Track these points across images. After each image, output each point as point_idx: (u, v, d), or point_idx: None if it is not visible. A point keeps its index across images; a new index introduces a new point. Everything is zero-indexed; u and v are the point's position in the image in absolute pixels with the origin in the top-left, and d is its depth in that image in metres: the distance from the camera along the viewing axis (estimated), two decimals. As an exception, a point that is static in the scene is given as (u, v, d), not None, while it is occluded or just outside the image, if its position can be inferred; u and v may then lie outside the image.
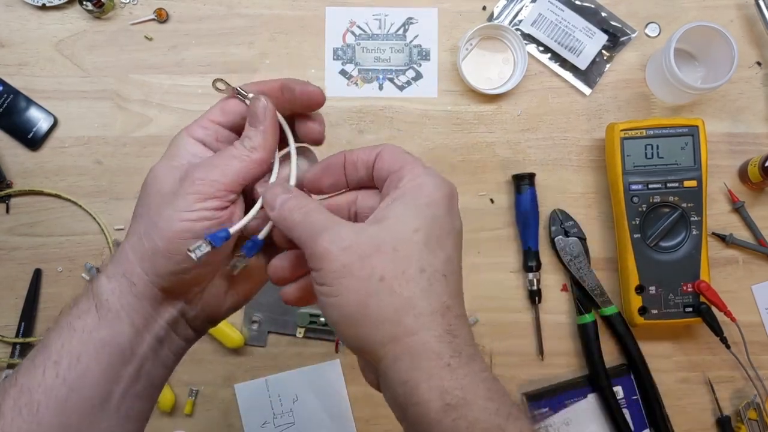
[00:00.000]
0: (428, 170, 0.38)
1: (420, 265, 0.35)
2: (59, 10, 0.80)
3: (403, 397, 0.34)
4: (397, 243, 0.35)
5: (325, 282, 0.35)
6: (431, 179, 0.38)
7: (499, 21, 0.81)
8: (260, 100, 0.41)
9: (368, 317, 0.34)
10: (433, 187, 0.37)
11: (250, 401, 0.76)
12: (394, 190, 0.38)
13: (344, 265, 0.35)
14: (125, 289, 0.40)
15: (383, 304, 0.34)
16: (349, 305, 0.35)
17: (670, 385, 0.77)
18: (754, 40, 0.81)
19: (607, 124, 0.78)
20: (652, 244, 0.75)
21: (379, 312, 0.34)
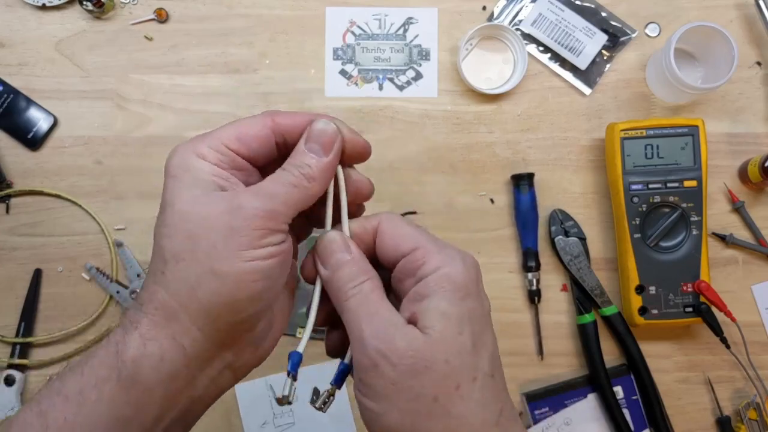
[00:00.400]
0: (444, 250, 0.34)
1: (472, 375, 0.32)
2: (59, 10, 0.80)
3: None
4: (448, 355, 0.32)
5: (368, 395, 0.33)
6: (455, 264, 0.33)
7: (499, 21, 0.81)
8: (330, 126, 0.36)
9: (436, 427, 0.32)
10: (460, 273, 0.33)
11: (250, 401, 0.76)
12: (420, 286, 0.34)
13: (394, 383, 0.32)
14: (173, 355, 0.34)
15: (435, 426, 0.32)
16: (396, 425, 0.32)
17: (670, 385, 0.77)
18: (754, 40, 0.81)
19: (607, 124, 0.78)
20: (652, 244, 0.75)
21: (445, 425, 0.32)
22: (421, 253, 0.34)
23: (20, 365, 0.76)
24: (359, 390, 0.34)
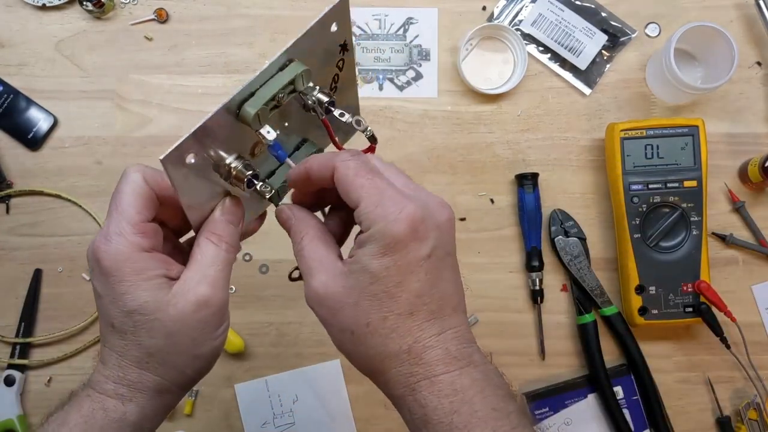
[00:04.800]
0: (380, 209, 0.37)
1: (382, 315, 0.38)
2: (59, 10, 0.80)
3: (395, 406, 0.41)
4: (358, 298, 0.38)
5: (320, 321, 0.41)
6: (387, 221, 0.37)
7: (499, 21, 0.81)
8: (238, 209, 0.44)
9: (351, 357, 0.41)
10: (386, 233, 0.37)
11: (250, 401, 0.76)
12: (360, 237, 0.39)
13: (323, 318, 0.40)
14: (163, 411, 0.44)
15: (358, 351, 0.40)
16: (338, 346, 0.41)
17: (670, 385, 0.77)
18: (754, 40, 0.81)
19: (607, 124, 0.78)
20: (652, 244, 0.75)
21: (356, 355, 0.40)
22: (361, 211, 0.38)
23: (20, 365, 0.76)
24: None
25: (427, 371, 0.38)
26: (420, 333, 0.38)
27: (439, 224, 0.39)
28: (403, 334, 0.38)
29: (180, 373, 0.42)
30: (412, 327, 0.38)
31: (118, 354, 0.41)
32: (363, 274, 0.38)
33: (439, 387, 0.38)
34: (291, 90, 0.43)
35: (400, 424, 0.40)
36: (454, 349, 0.39)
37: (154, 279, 0.40)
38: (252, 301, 0.77)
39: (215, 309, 0.41)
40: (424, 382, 0.38)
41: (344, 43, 0.46)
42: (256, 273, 0.78)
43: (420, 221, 0.37)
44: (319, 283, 0.39)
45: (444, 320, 0.39)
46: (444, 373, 0.38)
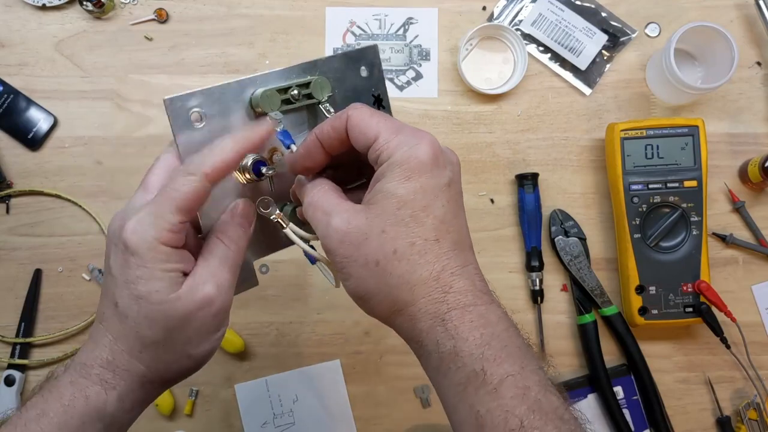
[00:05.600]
0: (401, 137, 0.39)
1: (410, 240, 0.38)
2: (59, 10, 0.80)
3: (415, 351, 0.40)
4: (384, 225, 0.38)
5: (337, 268, 0.40)
6: (405, 149, 0.38)
7: (499, 21, 0.81)
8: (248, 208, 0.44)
9: (374, 296, 0.39)
10: (409, 157, 0.38)
11: (250, 401, 0.76)
12: (377, 167, 0.39)
13: (345, 257, 0.39)
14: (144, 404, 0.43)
15: (382, 285, 0.38)
16: (358, 287, 0.39)
17: (670, 385, 0.77)
18: (754, 40, 0.81)
19: (607, 124, 0.78)
20: (653, 244, 0.75)
21: (380, 291, 0.39)
22: (380, 143, 0.39)
23: (20, 365, 0.76)
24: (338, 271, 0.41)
25: (458, 300, 0.38)
26: (447, 261, 0.38)
27: (452, 162, 0.40)
28: (431, 260, 0.38)
29: (167, 369, 0.42)
30: (439, 253, 0.38)
31: (113, 336, 0.41)
32: (389, 200, 0.38)
33: (470, 318, 0.37)
34: (307, 95, 0.45)
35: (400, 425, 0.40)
36: (479, 284, 0.39)
37: (171, 272, 0.40)
38: (252, 301, 0.77)
39: (217, 310, 0.41)
40: (455, 312, 0.37)
41: (378, 96, 0.48)
42: (257, 273, 0.78)
43: (439, 151, 0.39)
44: (340, 219, 0.39)
45: (465, 254, 0.40)
46: (473, 305, 0.38)
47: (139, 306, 0.40)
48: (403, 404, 0.76)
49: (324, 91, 0.45)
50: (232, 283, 0.43)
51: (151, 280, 0.39)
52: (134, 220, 0.39)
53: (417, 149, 0.38)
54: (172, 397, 0.75)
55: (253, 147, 0.41)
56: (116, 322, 0.41)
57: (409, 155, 0.38)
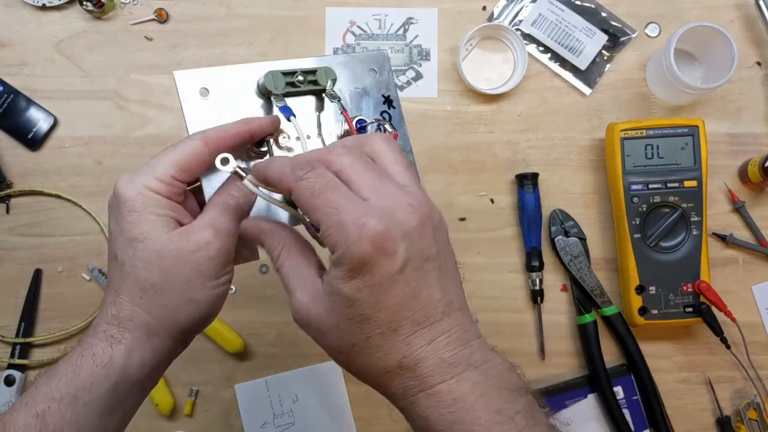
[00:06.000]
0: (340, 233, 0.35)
1: (365, 336, 0.37)
2: (59, 10, 0.80)
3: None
4: (338, 321, 0.37)
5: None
6: (344, 250, 0.35)
7: (499, 21, 0.81)
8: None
9: (350, 371, 0.40)
10: (349, 257, 0.35)
11: (250, 401, 0.76)
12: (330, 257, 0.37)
13: (313, 337, 0.40)
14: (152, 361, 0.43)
15: (352, 368, 0.40)
16: (333, 359, 0.41)
17: (670, 385, 0.77)
18: (754, 40, 0.81)
19: (607, 124, 0.78)
20: (653, 244, 0.75)
21: (353, 372, 0.40)
22: (323, 232, 0.36)
23: (20, 365, 0.76)
24: None
25: (423, 383, 0.37)
26: (407, 348, 0.37)
27: (408, 232, 0.36)
28: (389, 352, 0.37)
29: (170, 314, 0.42)
30: (397, 343, 0.37)
31: (115, 289, 0.42)
32: (337, 298, 0.37)
33: (437, 399, 0.37)
34: (313, 81, 0.47)
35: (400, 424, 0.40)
36: (448, 356, 0.37)
37: (162, 216, 0.41)
38: (252, 301, 0.77)
39: (214, 254, 0.41)
40: (421, 395, 0.37)
41: (388, 97, 0.50)
42: (256, 273, 0.78)
43: (384, 236, 0.35)
44: (301, 305, 0.39)
45: (433, 328, 0.37)
46: (440, 383, 0.37)
47: (134, 249, 0.41)
48: (403, 404, 0.76)
49: (329, 79, 0.47)
50: (232, 231, 0.43)
51: (143, 223, 0.41)
52: (127, 174, 0.42)
53: (356, 247, 0.34)
54: (172, 397, 0.75)
55: (253, 130, 0.44)
56: (117, 273, 0.42)
57: (348, 254, 0.35)
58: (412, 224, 0.36)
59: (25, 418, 0.39)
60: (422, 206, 0.37)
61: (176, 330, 0.43)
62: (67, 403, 0.40)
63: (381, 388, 0.39)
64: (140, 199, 0.41)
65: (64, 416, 0.39)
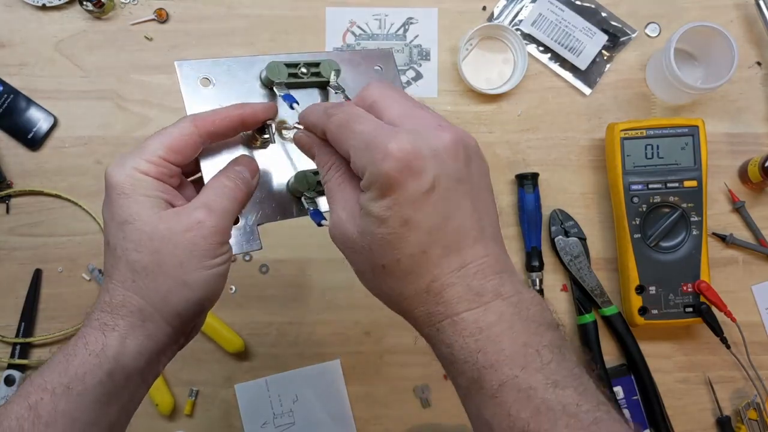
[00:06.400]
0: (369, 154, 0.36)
1: (395, 257, 0.37)
2: (59, 10, 0.80)
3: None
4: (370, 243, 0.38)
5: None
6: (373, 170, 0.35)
7: (499, 21, 0.81)
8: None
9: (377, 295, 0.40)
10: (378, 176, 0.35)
11: (251, 401, 0.76)
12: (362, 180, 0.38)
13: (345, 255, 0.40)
14: (148, 349, 0.41)
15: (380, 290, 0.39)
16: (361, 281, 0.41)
17: (670, 385, 0.77)
18: (754, 40, 0.81)
19: (607, 124, 0.78)
20: (653, 244, 0.75)
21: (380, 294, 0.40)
22: (353, 159, 0.37)
23: (20, 365, 0.76)
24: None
25: (449, 310, 0.36)
26: (437, 270, 0.36)
27: (437, 152, 0.36)
28: (419, 275, 0.37)
29: (164, 298, 0.40)
30: (427, 266, 0.36)
31: (108, 275, 0.41)
32: (369, 218, 0.36)
33: (462, 326, 0.36)
34: (316, 74, 0.47)
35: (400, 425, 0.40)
36: (476, 285, 0.36)
37: (152, 197, 0.40)
38: (252, 301, 0.77)
39: (207, 233, 0.40)
40: (447, 322, 0.36)
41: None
42: (256, 273, 0.78)
43: (411, 153, 0.35)
44: (339, 222, 0.39)
45: (463, 253, 0.37)
46: (466, 311, 0.36)
47: (124, 232, 0.40)
48: (403, 404, 0.76)
49: (333, 70, 0.47)
50: (229, 211, 0.42)
51: (132, 205, 0.40)
52: (117, 159, 0.41)
53: (383, 164, 0.35)
54: (172, 397, 0.75)
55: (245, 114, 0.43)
56: (109, 259, 0.41)
57: (376, 174, 0.35)
58: (442, 144, 0.36)
59: (18, 410, 0.38)
60: (453, 128, 0.37)
61: (171, 314, 0.41)
62: (60, 393, 0.38)
63: (407, 314, 0.39)
64: (129, 181, 0.40)
65: (57, 407, 0.38)
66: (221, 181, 0.43)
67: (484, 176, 0.39)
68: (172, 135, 0.42)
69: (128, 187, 0.40)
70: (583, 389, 0.35)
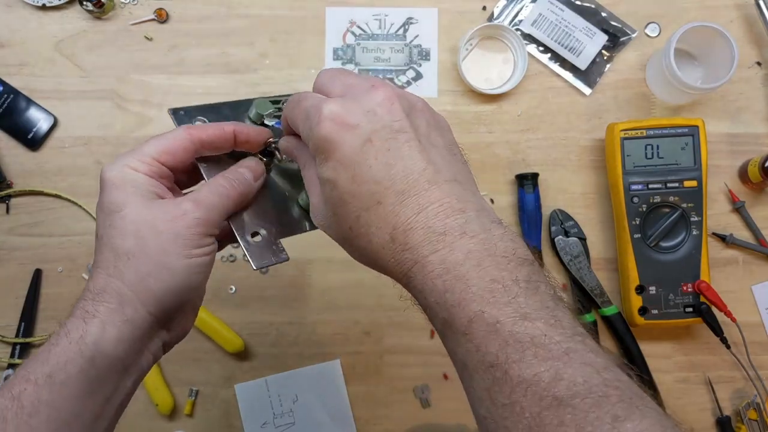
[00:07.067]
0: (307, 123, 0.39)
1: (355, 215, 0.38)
2: (59, 10, 0.80)
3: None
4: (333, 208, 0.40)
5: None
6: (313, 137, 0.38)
7: (499, 21, 0.81)
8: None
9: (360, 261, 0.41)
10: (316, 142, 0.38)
11: (251, 401, 0.76)
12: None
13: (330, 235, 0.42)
14: (128, 335, 0.41)
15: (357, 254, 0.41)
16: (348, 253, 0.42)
17: (670, 385, 0.77)
18: (754, 40, 0.81)
19: (607, 124, 0.78)
20: (653, 244, 0.75)
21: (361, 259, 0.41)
22: (300, 130, 0.41)
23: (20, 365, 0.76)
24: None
25: (415, 255, 0.36)
26: (396, 218, 0.37)
27: (371, 108, 0.38)
28: (380, 226, 0.37)
29: (143, 280, 0.41)
30: (385, 215, 0.37)
31: (95, 265, 0.42)
32: (324, 186, 0.39)
33: (429, 268, 0.36)
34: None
35: (400, 425, 0.40)
36: (439, 225, 0.36)
37: (142, 190, 0.42)
38: (252, 301, 0.77)
39: (192, 223, 0.41)
40: (416, 267, 0.36)
41: None
42: (256, 273, 0.78)
43: (341, 113, 0.37)
44: (316, 209, 0.41)
45: (420, 197, 0.37)
46: (432, 253, 0.36)
47: (111, 220, 0.41)
48: (403, 404, 0.76)
49: None
50: (217, 206, 0.43)
51: (121, 195, 0.42)
52: (112, 161, 0.43)
53: (318, 129, 0.38)
54: (172, 397, 0.75)
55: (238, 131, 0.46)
56: (97, 248, 0.42)
57: (314, 140, 0.38)
58: (375, 101, 0.38)
59: (1, 401, 0.39)
60: (387, 86, 0.39)
61: (150, 299, 0.41)
62: (42, 383, 0.39)
63: (385, 270, 0.39)
64: (120, 176, 0.42)
65: (40, 397, 0.38)
66: (217, 179, 0.45)
67: (436, 128, 0.40)
68: (165, 138, 0.44)
69: (119, 181, 0.42)
70: (555, 321, 0.34)
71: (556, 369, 0.32)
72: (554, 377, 0.32)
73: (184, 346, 0.80)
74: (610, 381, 0.33)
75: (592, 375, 0.32)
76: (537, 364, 0.32)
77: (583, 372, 0.32)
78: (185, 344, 0.78)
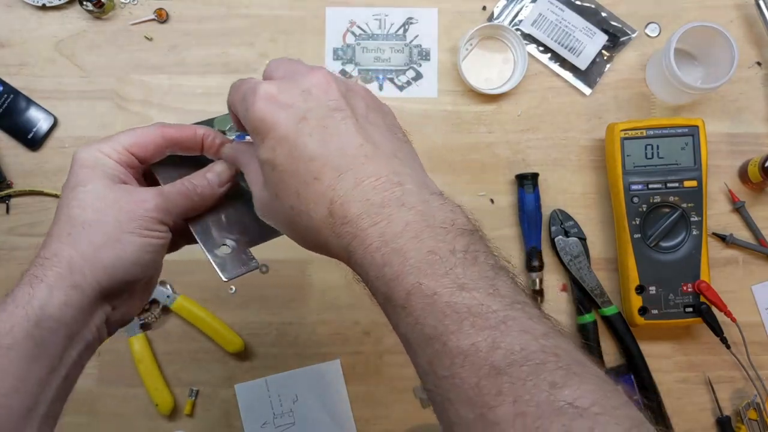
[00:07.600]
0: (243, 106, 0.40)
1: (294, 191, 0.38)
2: (59, 10, 0.80)
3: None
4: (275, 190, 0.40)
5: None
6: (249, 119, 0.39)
7: (499, 21, 0.81)
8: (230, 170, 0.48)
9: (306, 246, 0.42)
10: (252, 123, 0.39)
11: (250, 401, 0.76)
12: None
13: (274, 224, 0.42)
14: (74, 301, 0.41)
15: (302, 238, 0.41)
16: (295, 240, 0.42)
17: (670, 385, 0.77)
18: (754, 40, 0.81)
19: (607, 124, 0.78)
20: (653, 244, 0.75)
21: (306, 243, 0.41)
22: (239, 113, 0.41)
23: (20, 365, 0.76)
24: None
25: (354, 228, 0.36)
26: (332, 192, 0.37)
27: (306, 88, 0.39)
28: (318, 201, 0.37)
29: (95, 250, 0.41)
30: (322, 189, 0.37)
31: (48, 234, 0.43)
32: (264, 168, 0.39)
33: (369, 242, 0.35)
34: None
35: (400, 425, 0.40)
36: (377, 198, 0.36)
37: (109, 173, 0.43)
38: (252, 301, 0.77)
39: (150, 207, 0.43)
40: (355, 242, 0.36)
41: None
42: (256, 273, 0.78)
43: (275, 93, 0.38)
44: (258, 197, 0.42)
45: (357, 172, 0.37)
46: (371, 226, 0.36)
47: (75, 194, 0.43)
48: (402, 404, 0.76)
49: None
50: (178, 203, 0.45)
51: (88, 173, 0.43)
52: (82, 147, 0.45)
53: (253, 109, 0.38)
54: (172, 397, 0.75)
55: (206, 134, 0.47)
56: (54, 220, 0.43)
57: (251, 121, 0.39)
58: (311, 82, 0.39)
59: None
60: (324, 70, 0.40)
61: (100, 269, 0.42)
62: None
63: (327, 249, 0.39)
64: (92, 158, 0.44)
65: None
66: (183, 180, 0.46)
67: (375, 110, 0.41)
68: (139, 131, 0.46)
69: (89, 162, 0.44)
70: (494, 290, 0.33)
71: (493, 338, 0.32)
72: (491, 346, 0.31)
73: (185, 346, 0.80)
74: (548, 348, 0.32)
75: (530, 342, 0.32)
76: (474, 334, 0.32)
77: (520, 340, 0.32)
78: (185, 344, 0.79)
